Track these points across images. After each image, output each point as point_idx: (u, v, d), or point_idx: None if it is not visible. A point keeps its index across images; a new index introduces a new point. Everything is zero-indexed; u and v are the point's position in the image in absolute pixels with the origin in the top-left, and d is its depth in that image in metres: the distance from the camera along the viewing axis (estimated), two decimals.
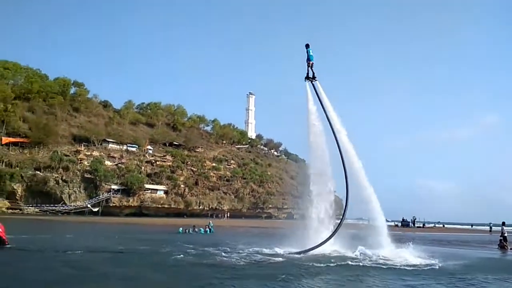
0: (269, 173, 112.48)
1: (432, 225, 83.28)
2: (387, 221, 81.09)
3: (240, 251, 18.44)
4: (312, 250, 17.98)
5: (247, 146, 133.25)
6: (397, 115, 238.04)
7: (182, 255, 16.76)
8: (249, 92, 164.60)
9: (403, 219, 77.37)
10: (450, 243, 34.14)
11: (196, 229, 36.56)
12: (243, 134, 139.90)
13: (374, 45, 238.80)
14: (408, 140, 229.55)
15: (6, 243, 17.09)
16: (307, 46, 21.56)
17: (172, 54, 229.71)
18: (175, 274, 12.35)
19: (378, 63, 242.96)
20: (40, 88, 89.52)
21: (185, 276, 12.09)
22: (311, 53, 21.58)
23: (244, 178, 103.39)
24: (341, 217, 18.97)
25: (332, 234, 18.56)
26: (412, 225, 74.44)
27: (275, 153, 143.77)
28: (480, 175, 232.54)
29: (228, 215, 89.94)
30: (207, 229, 37.46)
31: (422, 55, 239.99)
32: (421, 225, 76.81)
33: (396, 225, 76.18)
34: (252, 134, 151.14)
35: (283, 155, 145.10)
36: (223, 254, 17.43)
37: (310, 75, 21.83)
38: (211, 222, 41.67)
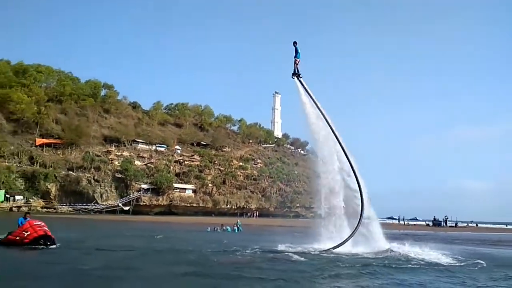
0: (296, 172, 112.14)
1: (465, 224, 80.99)
2: (417, 220, 79.67)
3: (263, 249, 18.48)
4: (336, 248, 17.84)
5: (273, 145, 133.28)
6: (428, 114, 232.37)
7: (207, 252, 16.99)
8: (275, 91, 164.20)
9: (434, 218, 75.71)
10: (484, 243, 33.13)
11: (224, 228, 36.84)
12: (270, 133, 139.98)
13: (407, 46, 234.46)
14: (440, 139, 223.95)
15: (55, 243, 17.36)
16: (295, 43, 21.56)
17: (198, 54, 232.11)
18: (197, 270, 12.50)
19: (406, 63, 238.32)
20: (72, 91, 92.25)
21: (208, 272, 12.22)
22: (299, 51, 21.61)
23: (271, 177, 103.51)
24: (359, 216, 18.66)
25: (352, 232, 18.32)
26: (444, 224, 72.65)
27: (302, 152, 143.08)
28: None
29: (257, 214, 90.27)
30: (235, 227, 37.68)
31: (449, 52, 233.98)
32: (454, 225, 74.83)
33: (428, 225, 74.67)
34: (278, 133, 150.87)
35: (310, 154, 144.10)
36: (247, 251, 17.55)
37: (297, 72, 22.19)
38: (239, 221, 41.89)
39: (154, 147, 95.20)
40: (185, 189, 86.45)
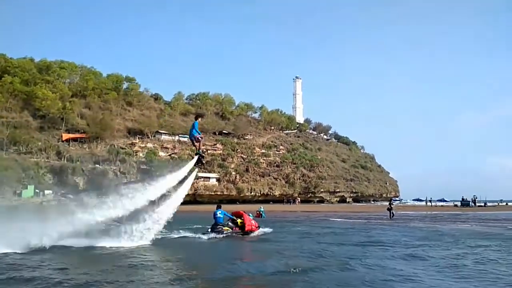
0: (319, 157, 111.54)
1: (496, 204, 79.22)
2: (445, 200, 79.03)
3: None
4: None
5: (295, 131, 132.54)
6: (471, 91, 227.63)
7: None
8: (296, 76, 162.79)
9: (462, 199, 74.42)
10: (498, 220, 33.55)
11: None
12: (291, 119, 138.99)
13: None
14: (481, 118, 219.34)
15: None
16: None
17: (216, 43, 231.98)
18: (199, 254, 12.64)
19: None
20: (95, 85, 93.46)
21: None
22: None
23: (294, 163, 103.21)
24: None
25: None
26: (472, 204, 71.25)
27: (325, 136, 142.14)
28: None
29: (299, 200, 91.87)
30: (259, 214, 37.84)
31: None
32: (483, 204, 73.34)
33: (456, 205, 73.54)
34: (300, 119, 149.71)
35: (333, 139, 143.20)
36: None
37: None
38: (261, 207, 42.11)
39: (177, 138, 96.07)
40: (209, 177, 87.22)
